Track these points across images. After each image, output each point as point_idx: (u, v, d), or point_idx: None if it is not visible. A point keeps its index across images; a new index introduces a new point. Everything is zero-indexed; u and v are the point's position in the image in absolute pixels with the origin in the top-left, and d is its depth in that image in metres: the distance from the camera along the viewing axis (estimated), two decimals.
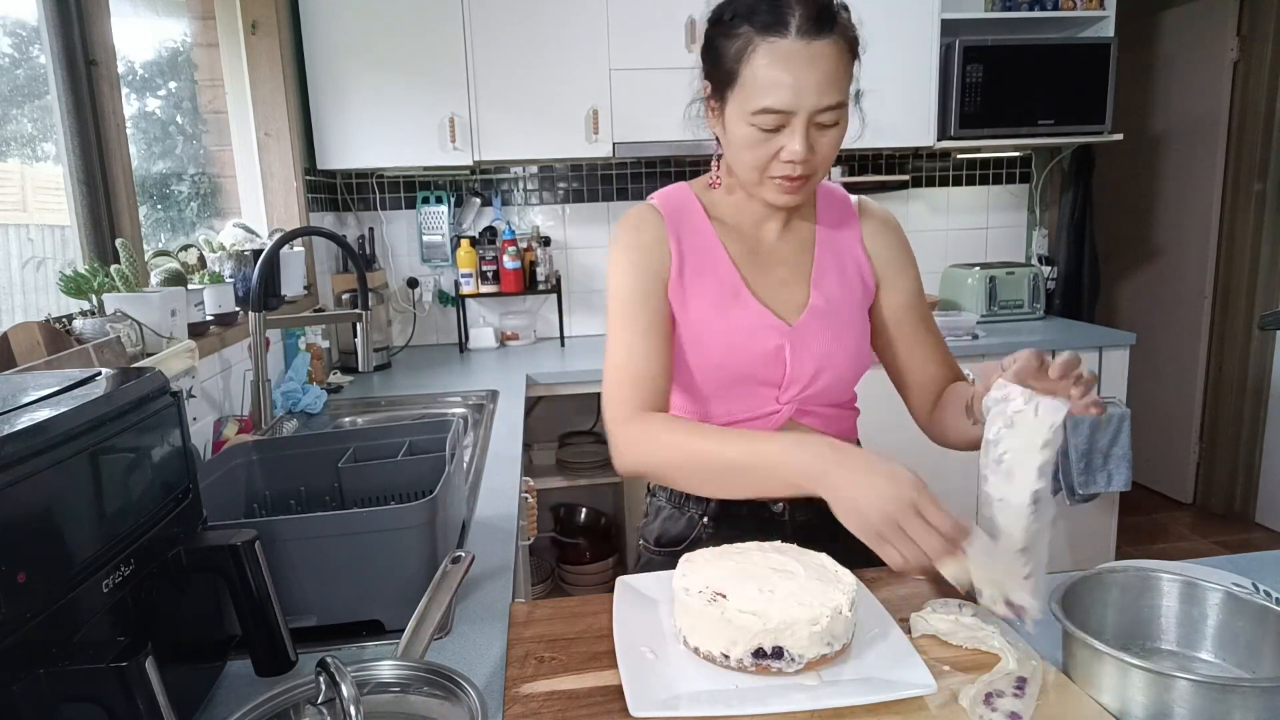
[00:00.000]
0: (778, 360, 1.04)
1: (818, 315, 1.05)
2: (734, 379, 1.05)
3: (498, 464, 1.60)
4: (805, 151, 0.93)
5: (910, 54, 2.77)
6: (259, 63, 2.41)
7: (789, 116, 0.92)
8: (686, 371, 1.06)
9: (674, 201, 1.09)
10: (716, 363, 1.04)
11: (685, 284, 1.05)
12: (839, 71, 0.92)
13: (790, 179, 0.96)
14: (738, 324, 1.03)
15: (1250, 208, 3.31)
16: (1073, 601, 0.79)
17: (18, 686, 0.53)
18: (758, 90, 0.92)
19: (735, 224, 1.08)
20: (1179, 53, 3.58)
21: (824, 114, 0.92)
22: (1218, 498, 3.55)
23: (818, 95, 0.91)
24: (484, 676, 0.84)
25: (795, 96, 0.90)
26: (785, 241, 1.08)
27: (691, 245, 1.06)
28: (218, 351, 1.76)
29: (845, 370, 1.07)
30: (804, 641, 0.77)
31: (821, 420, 1.09)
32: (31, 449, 0.56)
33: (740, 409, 1.07)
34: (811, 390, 1.05)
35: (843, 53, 0.92)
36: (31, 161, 1.54)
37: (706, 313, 1.04)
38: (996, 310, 3.04)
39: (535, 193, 3.09)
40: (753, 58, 0.91)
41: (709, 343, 1.04)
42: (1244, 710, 0.64)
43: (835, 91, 0.92)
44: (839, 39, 0.91)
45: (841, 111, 0.94)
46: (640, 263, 1.05)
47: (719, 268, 1.05)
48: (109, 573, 0.63)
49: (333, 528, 0.90)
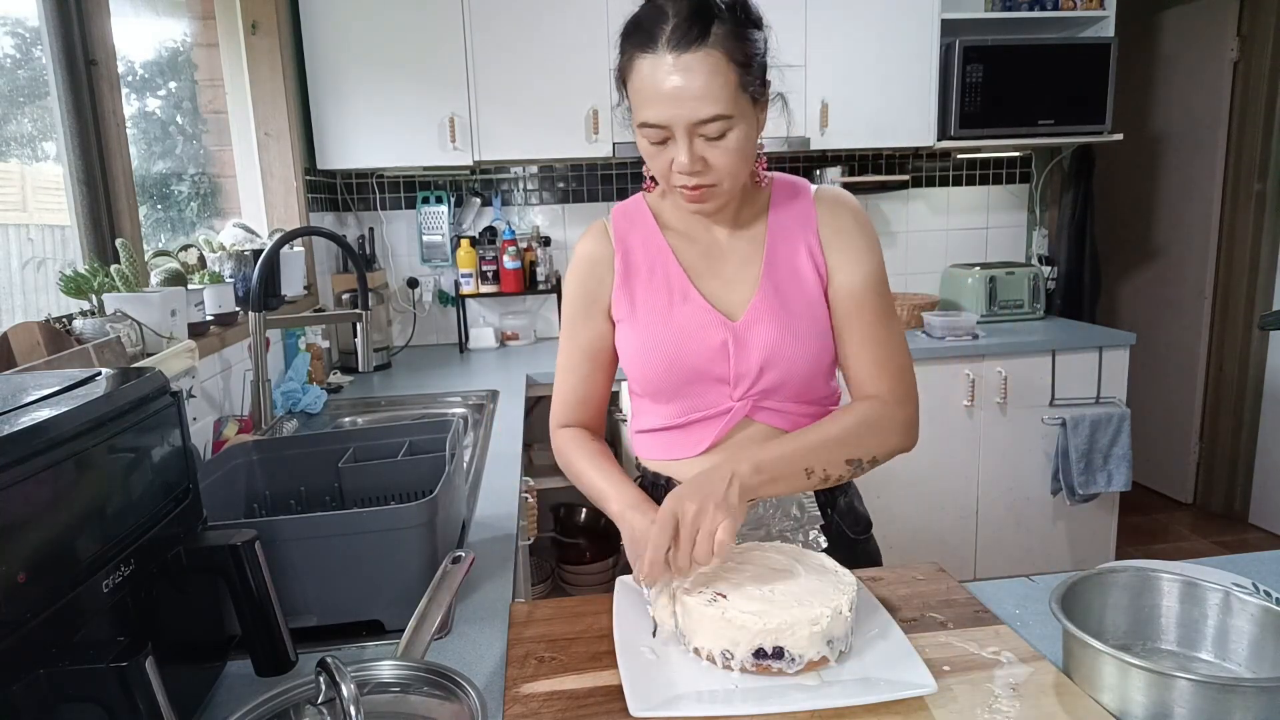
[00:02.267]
0: (723, 356, 1.04)
1: (764, 309, 1.04)
2: (685, 378, 1.06)
3: (498, 464, 1.60)
4: (691, 164, 0.93)
5: (910, 54, 2.77)
6: (259, 63, 2.41)
7: (667, 130, 0.92)
8: (645, 374, 1.08)
9: (627, 213, 1.12)
10: (667, 362, 1.05)
11: (633, 291, 1.08)
12: (714, 83, 0.89)
13: (688, 189, 0.96)
14: (684, 323, 1.05)
15: (1250, 208, 3.31)
16: (1073, 601, 0.79)
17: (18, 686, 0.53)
18: (639, 105, 0.93)
19: (686, 228, 1.10)
20: (1179, 53, 3.58)
21: (705, 126, 0.91)
22: (1218, 498, 3.55)
23: (693, 108, 0.89)
24: (484, 676, 0.84)
25: (669, 110, 0.90)
26: (737, 239, 1.08)
27: (641, 253, 1.09)
28: (218, 351, 1.76)
29: (801, 364, 1.04)
30: (804, 642, 0.77)
31: (784, 418, 1.07)
32: (32, 449, 0.56)
33: (696, 406, 1.08)
34: (762, 385, 1.05)
35: (719, 63, 0.89)
36: (31, 161, 1.54)
37: (655, 315, 1.06)
38: (997, 310, 3.04)
39: (535, 193, 3.09)
40: (633, 73, 0.93)
41: (659, 344, 1.05)
42: (1244, 710, 0.64)
43: (712, 104, 0.89)
44: (713, 49, 0.88)
45: (727, 122, 0.91)
46: (581, 284, 1.11)
47: (668, 271, 1.07)
48: (109, 573, 0.63)
49: (333, 528, 0.90)
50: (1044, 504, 2.84)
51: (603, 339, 1.12)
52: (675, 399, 1.08)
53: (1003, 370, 2.70)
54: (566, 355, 1.14)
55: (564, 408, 1.16)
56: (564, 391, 1.15)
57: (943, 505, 2.79)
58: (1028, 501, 2.83)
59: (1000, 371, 2.70)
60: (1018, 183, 3.34)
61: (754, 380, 1.05)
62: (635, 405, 1.17)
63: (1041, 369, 2.73)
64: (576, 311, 1.12)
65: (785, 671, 0.78)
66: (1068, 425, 2.70)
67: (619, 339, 1.10)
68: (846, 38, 2.73)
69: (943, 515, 2.80)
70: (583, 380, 1.14)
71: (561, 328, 1.16)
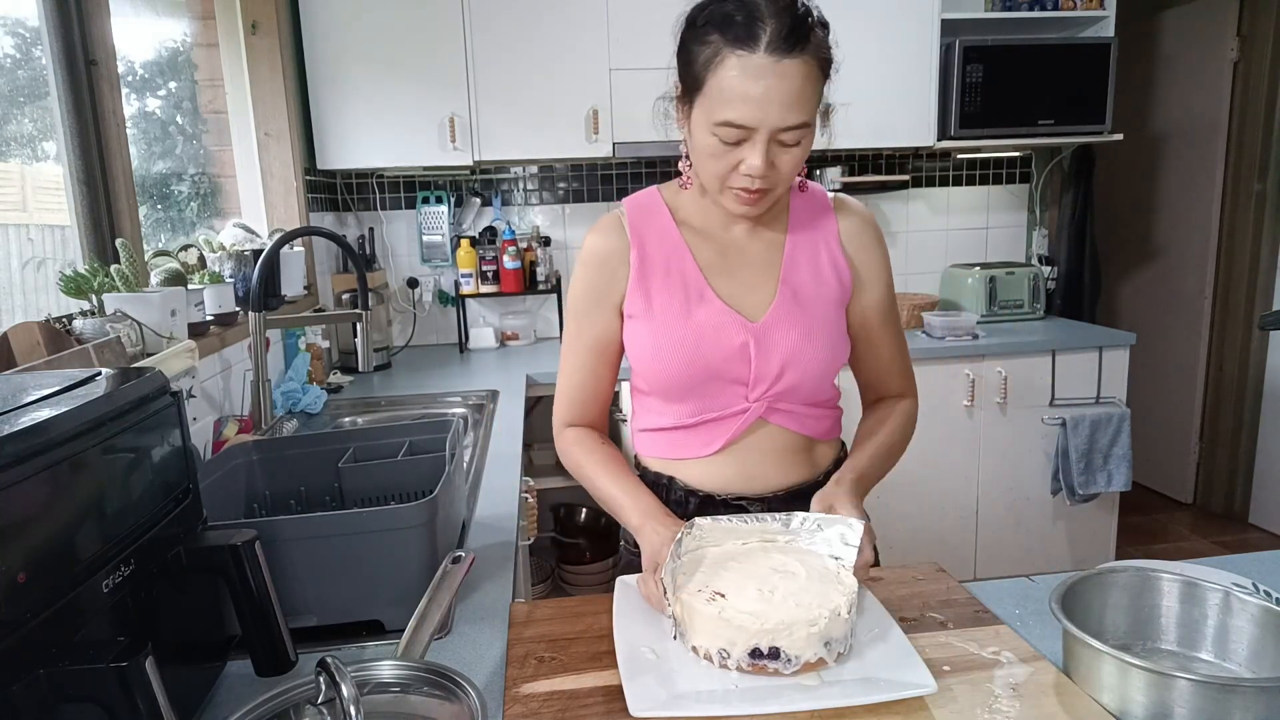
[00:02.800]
0: (743, 357, 1.04)
1: (784, 312, 1.05)
2: (702, 378, 1.05)
3: (498, 464, 1.59)
4: (764, 167, 0.92)
5: (910, 54, 2.77)
6: (259, 63, 2.41)
7: (751, 132, 0.91)
8: (656, 372, 1.07)
9: (642, 207, 1.10)
10: (684, 362, 1.04)
11: (648, 287, 1.06)
12: (806, 91, 0.90)
13: (748, 191, 0.96)
14: (702, 323, 1.04)
15: (1250, 208, 3.30)
16: (1073, 601, 0.79)
17: (18, 686, 0.53)
18: (722, 102, 0.91)
19: (703, 226, 1.09)
20: (1179, 53, 3.58)
21: (787, 133, 0.91)
22: (1218, 498, 3.55)
23: (782, 114, 0.89)
24: (484, 676, 0.84)
25: (759, 113, 0.89)
26: (755, 241, 1.08)
27: (656, 249, 1.07)
28: (218, 351, 1.76)
29: (816, 367, 1.05)
30: (801, 643, 0.77)
31: (794, 420, 1.08)
32: (32, 449, 0.56)
33: (710, 407, 1.07)
34: (780, 387, 1.05)
35: (812, 72, 0.90)
36: (31, 161, 1.54)
37: (672, 313, 1.05)
38: (997, 310, 3.04)
39: (535, 193, 3.09)
40: (720, 69, 0.90)
41: (675, 343, 1.04)
42: (1244, 710, 0.64)
43: (801, 111, 0.90)
44: (810, 58, 0.89)
45: (805, 131, 0.93)
46: (591, 278, 1.09)
47: (684, 269, 1.06)
48: (109, 573, 0.63)
49: (333, 528, 0.90)
50: (1044, 504, 2.84)
51: (611, 334, 1.10)
52: (688, 398, 1.07)
53: (1003, 370, 2.70)
54: (572, 351, 1.12)
55: (569, 406, 1.14)
56: (568, 389, 1.14)
57: (943, 505, 2.79)
58: (1028, 501, 2.83)
59: (1000, 371, 2.70)
60: (1018, 183, 3.34)
61: (773, 382, 1.05)
62: (640, 404, 1.16)
63: (1041, 369, 2.73)
64: (584, 306, 1.10)
65: (781, 672, 0.78)
66: (1068, 425, 2.70)
67: (629, 335, 1.09)
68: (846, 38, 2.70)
69: (943, 515, 2.80)
70: (589, 377, 1.12)
71: (566, 322, 1.14)
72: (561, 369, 1.14)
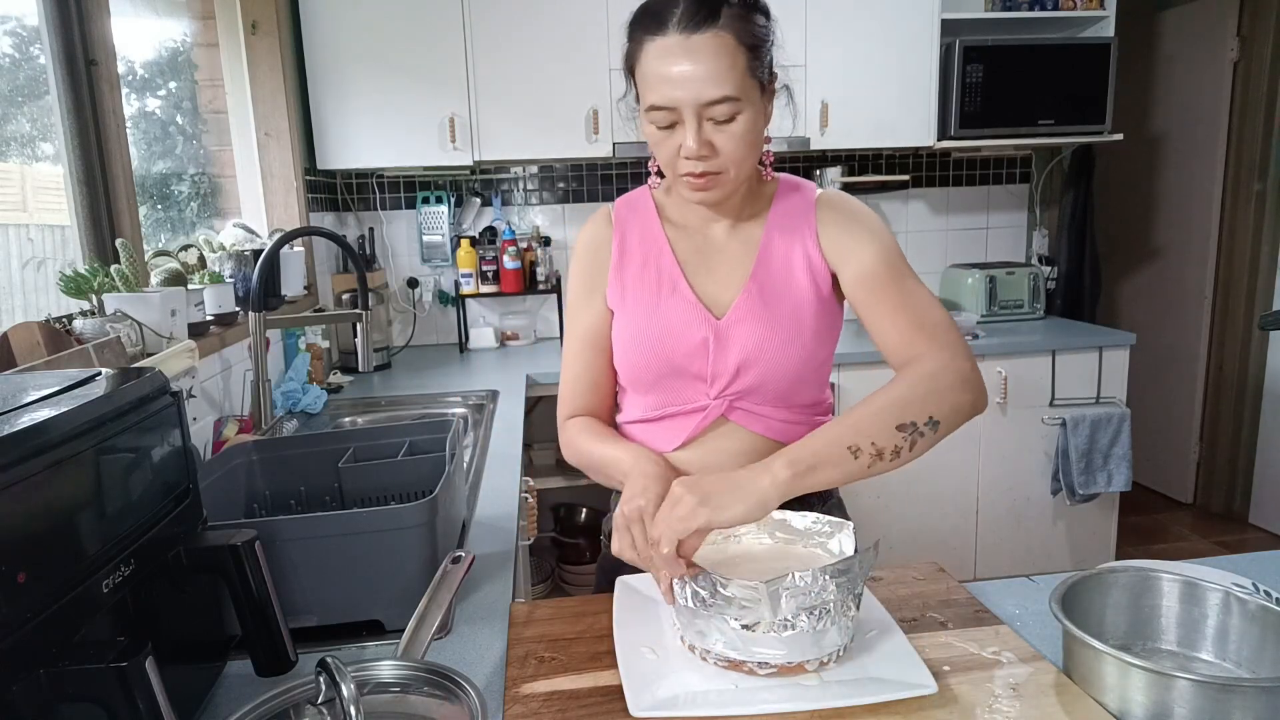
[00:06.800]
0: (703, 353, 1.04)
1: (747, 309, 1.04)
2: (666, 371, 1.06)
3: (498, 464, 1.59)
4: (699, 147, 0.93)
5: (910, 54, 2.77)
6: (259, 63, 2.41)
7: (676, 112, 0.92)
8: (629, 363, 1.08)
9: (630, 202, 1.13)
10: (650, 354, 1.05)
11: (625, 278, 1.08)
12: (722, 65, 0.90)
13: (695, 175, 0.96)
14: (670, 316, 1.05)
15: (1250, 208, 3.30)
16: (1073, 601, 0.79)
17: (18, 686, 0.53)
18: (646, 88, 0.94)
19: (684, 223, 1.10)
20: (1179, 53, 3.58)
21: (714, 108, 0.91)
22: (1218, 498, 3.55)
23: (699, 89, 0.90)
24: (484, 676, 0.84)
25: (677, 91, 0.91)
26: (733, 239, 1.08)
27: (637, 242, 1.09)
28: (218, 351, 1.76)
29: (780, 367, 1.03)
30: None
31: (759, 422, 1.06)
32: (32, 449, 0.56)
33: (672, 401, 1.08)
34: (739, 386, 1.04)
35: (728, 45, 0.90)
36: (31, 161, 1.54)
37: (643, 305, 1.06)
38: (997, 310, 3.04)
39: (535, 193, 3.09)
40: (642, 58, 0.93)
41: (644, 335, 1.05)
42: (1244, 710, 0.64)
43: (719, 85, 0.90)
44: (723, 31, 0.90)
45: (736, 105, 0.91)
46: (584, 268, 1.12)
47: (662, 263, 1.07)
48: (109, 573, 0.63)
49: (333, 528, 0.90)
50: (1044, 504, 2.84)
51: (602, 324, 1.11)
52: (653, 391, 1.08)
53: (1003, 370, 2.70)
54: (570, 341, 1.13)
55: (570, 396, 1.14)
56: (569, 379, 1.14)
57: (943, 505, 2.79)
58: (1028, 501, 2.83)
59: (1000, 372, 2.70)
60: (1018, 183, 3.34)
61: (730, 379, 1.04)
62: (620, 396, 1.17)
63: (1041, 369, 2.73)
64: (579, 296, 1.12)
65: (756, 672, 0.77)
66: (1068, 425, 2.70)
67: (614, 326, 1.11)
68: (846, 37, 2.73)
69: (943, 515, 2.80)
70: (587, 366, 1.12)
71: (565, 316, 1.15)
72: (563, 361, 1.15)
